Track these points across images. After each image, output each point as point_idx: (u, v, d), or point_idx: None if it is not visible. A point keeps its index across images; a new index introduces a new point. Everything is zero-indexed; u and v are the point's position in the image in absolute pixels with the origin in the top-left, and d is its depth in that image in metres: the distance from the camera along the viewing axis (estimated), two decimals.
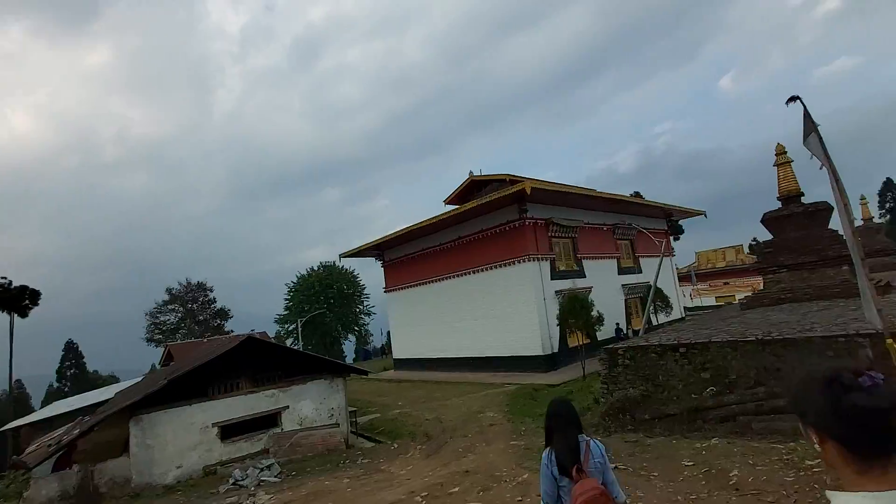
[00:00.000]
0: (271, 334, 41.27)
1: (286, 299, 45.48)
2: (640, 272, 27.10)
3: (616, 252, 25.96)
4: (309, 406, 12.71)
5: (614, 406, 9.30)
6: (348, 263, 47.63)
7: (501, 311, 21.06)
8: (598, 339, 18.83)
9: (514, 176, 21.96)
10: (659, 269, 16.63)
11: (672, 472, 5.81)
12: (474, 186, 24.64)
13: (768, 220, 13.88)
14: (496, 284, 21.47)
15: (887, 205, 47.62)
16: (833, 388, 1.03)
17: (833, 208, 13.28)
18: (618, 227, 26.00)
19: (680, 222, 39.17)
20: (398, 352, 28.43)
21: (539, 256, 20.52)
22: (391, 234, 25.74)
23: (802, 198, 13.53)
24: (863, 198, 25.10)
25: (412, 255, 26.67)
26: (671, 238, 34.11)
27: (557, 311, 18.09)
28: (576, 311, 16.48)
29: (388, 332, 33.17)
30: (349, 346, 52.74)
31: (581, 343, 17.13)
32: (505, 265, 21.11)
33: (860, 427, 0.99)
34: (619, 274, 25.54)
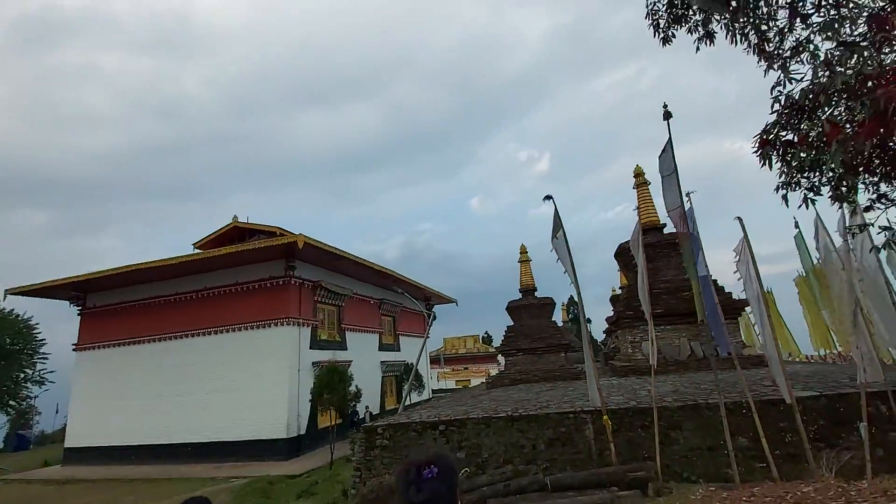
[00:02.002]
0: None
1: None
2: (399, 350, 27.57)
3: (379, 327, 25.90)
4: None
5: (367, 498, 7.89)
6: (23, 308, 33.92)
7: (243, 382, 17.54)
8: (353, 419, 17.40)
9: (285, 230, 19.95)
10: (423, 348, 16.86)
11: None
12: (237, 235, 21.35)
13: (511, 309, 15.86)
14: (244, 348, 18.06)
15: (570, 315, 64.02)
16: (402, 480, 1.21)
17: (555, 303, 16.15)
18: (384, 301, 26.29)
19: (433, 309, 42.95)
20: (76, 437, 20.15)
21: (301, 321, 18.45)
22: (106, 272, 19.43)
23: (536, 292, 16.09)
24: (563, 304, 32.62)
25: (133, 303, 20.56)
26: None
27: (312, 385, 16.06)
28: (333, 384, 14.86)
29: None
30: None
31: (333, 423, 15.35)
32: (260, 326, 18.13)
33: None
34: (379, 350, 25.27)
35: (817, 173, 4.30)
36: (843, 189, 4.29)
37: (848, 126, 3.52)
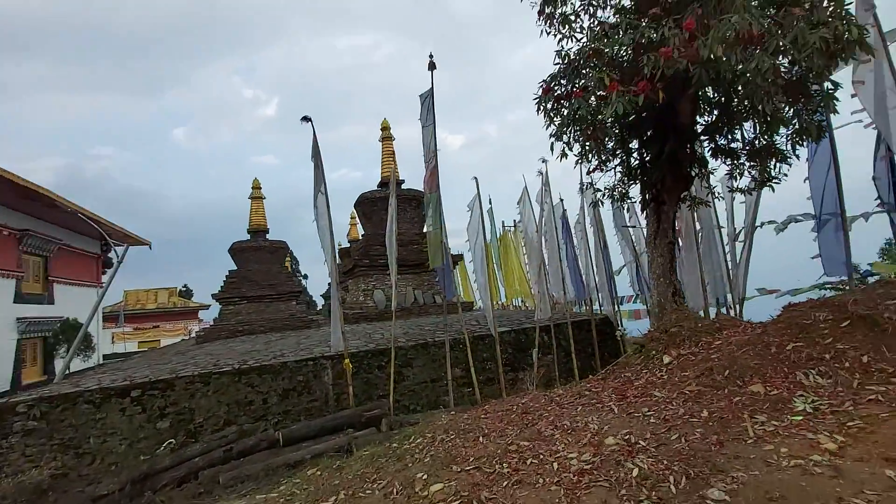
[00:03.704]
0: None
1: None
2: (53, 303, 20.04)
3: (18, 269, 18.04)
4: None
5: None
6: None
7: None
8: None
9: None
10: (101, 298, 12.53)
11: None
12: None
13: (235, 250, 13.65)
14: None
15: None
16: None
17: (288, 247, 14.85)
18: (28, 234, 18.41)
19: (110, 254, 33.31)
20: None
21: None
22: None
23: (268, 234, 14.33)
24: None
25: None
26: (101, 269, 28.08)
27: None
28: None
29: None
30: None
31: None
32: None
33: None
34: (16, 301, 17.66)
35: (574, 130, 4.96)
36: (587, 149, 5.13)
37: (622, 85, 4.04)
